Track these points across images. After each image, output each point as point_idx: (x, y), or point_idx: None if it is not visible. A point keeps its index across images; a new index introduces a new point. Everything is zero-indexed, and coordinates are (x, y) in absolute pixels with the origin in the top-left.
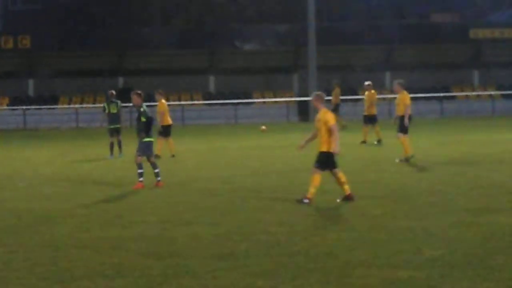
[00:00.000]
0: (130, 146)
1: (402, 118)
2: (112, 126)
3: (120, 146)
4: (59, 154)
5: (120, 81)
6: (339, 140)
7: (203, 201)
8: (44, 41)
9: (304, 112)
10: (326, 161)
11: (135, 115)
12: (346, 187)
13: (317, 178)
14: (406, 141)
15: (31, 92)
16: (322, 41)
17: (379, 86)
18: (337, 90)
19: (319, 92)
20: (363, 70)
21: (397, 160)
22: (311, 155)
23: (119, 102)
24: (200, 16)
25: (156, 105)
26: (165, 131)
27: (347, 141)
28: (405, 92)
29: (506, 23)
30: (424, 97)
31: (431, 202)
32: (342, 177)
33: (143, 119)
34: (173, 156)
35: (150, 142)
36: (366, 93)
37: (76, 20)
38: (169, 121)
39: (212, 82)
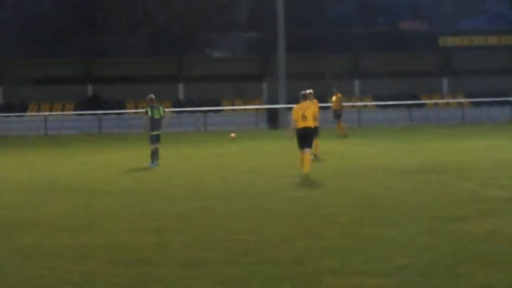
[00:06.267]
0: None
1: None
2: (155, 133)
3: (157, 154)
4: (28, 161)
5: (89, 88)
6: None
7: (172, 208)
8: (13, 49)
9: (274, 120)
10: None
11: None
12: None
13: None
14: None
15: None
16: (291, 49)
17: (348, 94)
18: (338, 96)
19: None
20: (333, 78)
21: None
22: (281, 163)
23: (161, 107)
24: (168, 23)
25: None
26: None
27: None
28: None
29: (475, 30)
30: (393, 105)
31: (400, 210)
32: None
33: None
34: None
35: None
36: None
37: (45, 28)
38: None
39: (181, 90)
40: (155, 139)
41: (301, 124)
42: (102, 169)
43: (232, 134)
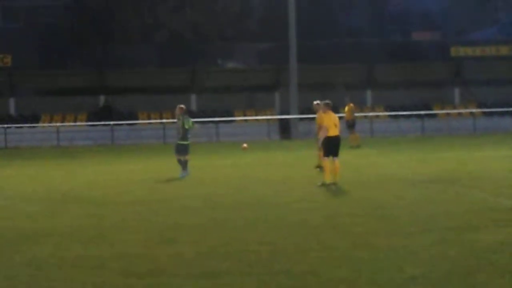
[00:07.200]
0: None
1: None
2: (184, 142)
3: (186, 165)
4: (40, 172)
5: (101, 99)
6: None
7: (185, 219)
8: (26, 60)
9: (286, 130)
10: None
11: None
12: None
13: None
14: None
15: (12, 110)
16: (304, 60)
17: (360, 104)
18: (350, 107)
19: None
20: (345, 88)
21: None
22: (294, 174)
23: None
24: (180, 34)
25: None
26: None
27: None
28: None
29: (487, 41)
30: (405, 115)
31: (413, 220)
32: None
33: None
34: None
35: None
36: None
37: (57, 39)
38: None
39: (193, 100)
40: (183, 149)
41: (334, 132)
42: (115, 180)
43: (244, 145)
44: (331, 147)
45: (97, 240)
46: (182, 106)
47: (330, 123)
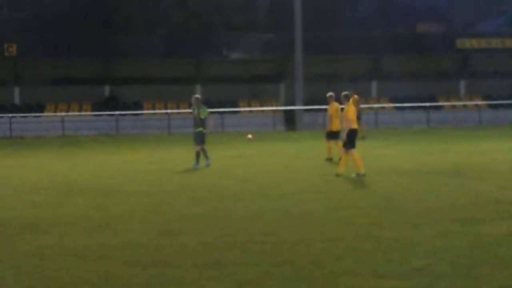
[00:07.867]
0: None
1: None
2: (201, 130)
3: (205, 153)
4: (45, 162)
5: (106, 89)
6: None
7: (189, 209)
8: (30, 49)
9: (291, 121)
10: None
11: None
12: None
13: None
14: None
15: (17, 100)
16: (309, 51)
17: (365, 96)
18: (354, 98)
19: None
20: (350, 80)
21: (353, 175)
22: (298, 165)
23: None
24: (185, 24)
25: (142, 114)
26: None
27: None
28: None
29: (493, 32)
30: (411, 107)
31: (417, 211)
32: None
33: None
34: None
35: None
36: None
37: (63, 28)
38: None
39: (198, 91)
40: (199, 138)
41: (357, 125)
42: (119, 170)
43: (249, 136)
44: (354, 139)
45: (101, 230)
46: (198, 96)
47: (355, 116)
